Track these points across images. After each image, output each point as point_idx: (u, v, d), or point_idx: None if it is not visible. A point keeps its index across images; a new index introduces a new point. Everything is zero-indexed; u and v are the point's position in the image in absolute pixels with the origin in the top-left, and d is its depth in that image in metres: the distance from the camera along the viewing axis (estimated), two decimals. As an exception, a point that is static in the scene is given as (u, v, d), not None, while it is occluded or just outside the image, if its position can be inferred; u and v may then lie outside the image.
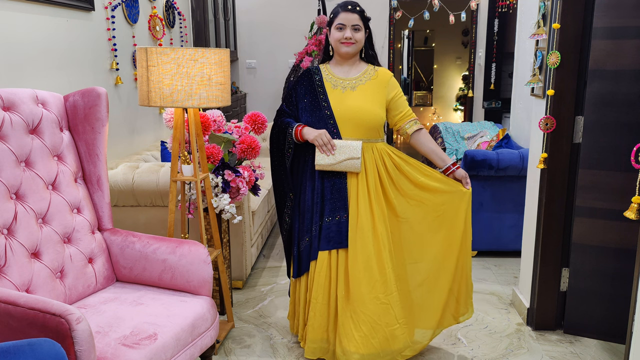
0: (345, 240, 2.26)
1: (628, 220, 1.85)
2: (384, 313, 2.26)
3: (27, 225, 1.91)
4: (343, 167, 2.25)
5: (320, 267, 2.29)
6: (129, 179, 2.82)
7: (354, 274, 2.24)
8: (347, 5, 2.28)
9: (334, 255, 2.29)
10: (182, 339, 1.86)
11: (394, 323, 2.27)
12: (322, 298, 2.30)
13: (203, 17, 5.04)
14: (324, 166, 2.26)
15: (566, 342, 2.66)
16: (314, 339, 2.34)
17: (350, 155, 2.23)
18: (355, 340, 2.24)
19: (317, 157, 2.26)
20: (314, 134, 2.25)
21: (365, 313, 2.24)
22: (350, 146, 2.24)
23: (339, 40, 2.28)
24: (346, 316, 2.26)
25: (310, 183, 2.34)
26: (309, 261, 2.34)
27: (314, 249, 2.32)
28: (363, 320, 2.24)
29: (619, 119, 2.44)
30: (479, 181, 3.59)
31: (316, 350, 2.36)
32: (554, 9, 2.51)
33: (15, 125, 1.92)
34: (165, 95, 2.15)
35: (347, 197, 2.29)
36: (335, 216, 2.28)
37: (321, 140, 2.23)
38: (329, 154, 2.23)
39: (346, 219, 2.28)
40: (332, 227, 2.28)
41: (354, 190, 2.28)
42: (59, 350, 1.31)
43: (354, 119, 2.28)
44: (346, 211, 2.28)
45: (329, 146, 2.23)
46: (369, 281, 2.24)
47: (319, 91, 2.33)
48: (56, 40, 2.76)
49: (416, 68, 11.08)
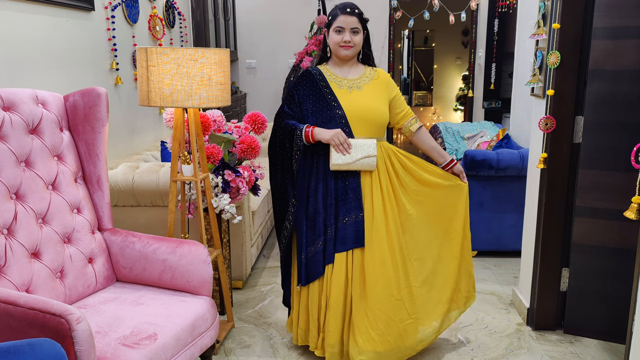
0: (361, 240, 2.26)
1: (628, 220, 1.85)
2: (398, 309, 2.27)
3: (27, 225, 1.91)
4: (359, 165, 2.24)
5: (339, 269, 2.27)
6: (129, 179, 2.82)
7: (371, 272, 2.24)
8: (345, 8, 2.26)
9: (350, 255, 2.27)
10: (182, 339, 1.86)
11: (406, 319, 2.29)
12: (341, 301, 2.28)
13: (203, 17, 5.04)
14: (341, 166, 2.24)
15: (566, 342, 2.66)
16: (333, 343, 2.31)
17: (367, 154, 2.22)
18: (372, 338, 2.24)
19: (333, 157, 2.23)
20: (330, 134, 2.22)
21: (381, 310, 2.24)
22: (366, 144, 2.23)
23: (337, 44, 2.28)
24: (361, 315, 2.25)
25: (323, 185, 2.30)
26: (322, 266, 2.29)
27: (328, 252, 2.28)
28: (380, 317, 2.24)
29: (618, 119, 2.44)
30: (479, 181, 3.59)
31: (335, 354, 2.33)
32: (554, 9, 2.51)
33: (15, 125, 1.92)
34: (165, 95, 2.15)
35: (361, 196, 2.28)
36: (352, 215, 2.27)
37: (337, 139, 2.21)
38: (345, 153, 2.22)
39: (362, 218, 2.26)
40: (348, 228, 2.26)
41: (368, 189, 2.28)
42: (59, 350, 1.31)
43: (365, 117, 2.29)
44: (361, 210, 2.27)
45: (346, 145, 2.22)
46: (385, 279, 2.25)
47: (325, 91, 2.31)
48: (56, 40, 2.76)
49: (416, 68, 11.08)
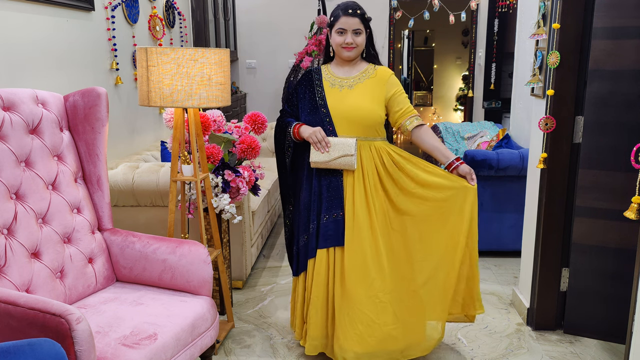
0: (341, 239, 2.27)
1: (628, 220, 1.85)
2: (381, 312, 2.25)
3: (27, 225, 1.91)
4: (337, 164, 2.25)
5: (319, 265, 2.30)
6: (129, 179, 2.82)
7: (350, 272, 2.25)
8: (347, 9, 2.26)
9: (332, 253, 2.29)
10: (182, 339, 1.86)
11: (391, 322, 2.27)
12: (322, 296, 2.31)
13: (203, 17, 5.04)
14: (319, 163, 2.27)
15: (566, 342, 2.66)
16: (314, 336, 2.36)
17: (344, 153, 2.22)
18: (351, 338, 2.24)
19: (312, 155, 2.27)
20: (309, 132, 2.27)
21: (362, 311, 2.24)
22: (344, 143, 2.23)
23: (340, 45, 2.29)
24: (343, 314, 2.26)
25: (308, 181, 2.36)
26: (307, 259, 2.35)
27: (311, 247, 2.33)
28: (359, 318, 2.24)
29: (618, 119, 2.43)
30: (479, 181, 3.58)
31: (317, 346, 2.38)
32: (554, 9, 2.51)
33: (15, 125, 1.92)
34: (165, 95, 2.15)
35: (343, 195, 2.29)
36: (332, 214, 2.29)
37: (315, 137, 2.25)
38: (323, 151, 2.24)
39: (342, 217, 2.28)
40: (329, 225, 2.28)
41: (350, 189, 2.29)
42: (59, 350, 1.31)
43: (349, 117, 2.29)
44: (342, 209, 2.28)
45: (323, 143, 2.24)
46: (365, 280, 2.24)
47: (317, 90, 2.34)
48: (56, 40, 2.76)
49: (416, 68, 11.08)
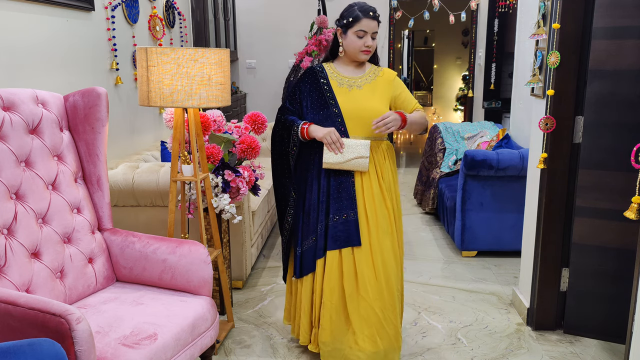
0: (353, 239, 2.25)
1: (628, 220, 1.85)
2: (390, 311, 2.27)
3: (27, 225, 1.91)
4: (351, 166, 2.22)
5: (331, 267, 2.27)
6: (129, 179, 2.82)
7: (364, 273, 2.23)
8: (369, 12, 2.22)
9: (343, 254, 2.27)
10: (182, 339, 1.86)
11: (398, 320, 2.30)
12: (335, 299, 2.27)
13: (203, 17, 5.04)
14: (332, 164, 2.23)
15: (566, 342, 2.66)
16: (326, 341, 2.30)
17: (359, 154, 2.20)
18: (365, 337, 2.24)
19: (325, 156, 2.23)
20: (323, 132, 2.22)
21: (374, 311, 2.24)
22: (359, 145, 2.21)
23: (359, 49, 2.25)
24: (355, 314, 2.25)
25: (317, 181, 2.31)
26: (314, 260, 2.31)
27: (319, 247, 2.29)
28: (372, 318, 2.24)
29: (618, 119, 2.43)
30: (479, 181, 3.59)
31: (332, 352, 2.31)
32: (554, 9, 2.51)
33: (15, 125, 1.92)
34: (165, 95, 2.15)
35: (355, 195, 2.27)
36: (342, 215, 2.26)
37: (330, 138, 2.20)
38: (337, 152, 2.21)
39: (354, 218, 2.26)
40: (339, 226, 2.26)
41: (360, 189, 2.27)
42: (59, 350, 1.31)
43: (361, 117, 2.27)
44: (354, 210, 2.26)
45: (338, 144, 2.20)
46: (377, 280, 2.24)
47: (325, 89, 2.31)
48: (56, 40, 2.76)
49: (416, 68, 11.09)
